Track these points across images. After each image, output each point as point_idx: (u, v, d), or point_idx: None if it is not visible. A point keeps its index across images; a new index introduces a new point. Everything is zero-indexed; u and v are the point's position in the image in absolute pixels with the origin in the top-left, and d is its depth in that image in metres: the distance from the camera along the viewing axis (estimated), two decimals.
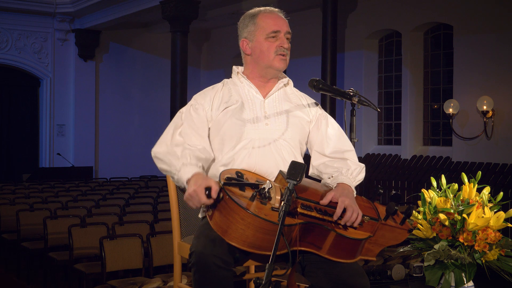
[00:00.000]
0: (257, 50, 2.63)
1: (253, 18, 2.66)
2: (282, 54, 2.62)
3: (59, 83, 14.06)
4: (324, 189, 2.50)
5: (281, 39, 2.63)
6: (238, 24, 2.72)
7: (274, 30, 2.61)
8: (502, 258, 2.73)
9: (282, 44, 2.62)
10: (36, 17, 13.66)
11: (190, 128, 2.58)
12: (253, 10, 2.70)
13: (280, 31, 2.62)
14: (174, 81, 10.82)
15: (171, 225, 2.83)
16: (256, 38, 2.63)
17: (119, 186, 10.08)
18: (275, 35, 2.61)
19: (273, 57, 2.62)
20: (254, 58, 2.66)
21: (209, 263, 2.28)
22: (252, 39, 2.64)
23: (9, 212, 7.21)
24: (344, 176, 2.52)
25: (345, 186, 2.46)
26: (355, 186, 2.55)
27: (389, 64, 11.20)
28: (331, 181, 2.52)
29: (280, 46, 2.62)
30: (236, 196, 2.28)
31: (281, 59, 2.63)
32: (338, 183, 2.49)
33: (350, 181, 2.51)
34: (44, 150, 14.05)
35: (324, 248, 2.36)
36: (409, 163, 10.20)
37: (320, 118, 2.71)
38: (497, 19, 9.15)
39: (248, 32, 2.65)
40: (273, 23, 2.62)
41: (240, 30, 2.71)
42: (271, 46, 2.62)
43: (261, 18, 2.64)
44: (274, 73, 2.67)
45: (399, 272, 4.64)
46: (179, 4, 10.68)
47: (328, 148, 2.65)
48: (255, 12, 2.68)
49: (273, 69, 2.65)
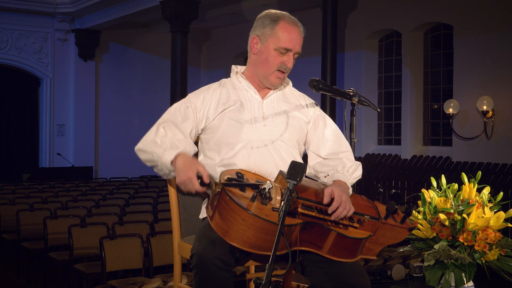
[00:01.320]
0: (263, 55, 2.61)
1: (274, 23, 2.60)
2: (282, 71, 2.60)
3: (59, 83, 14.06)
4: (324, 188, 2.50)
5: (288, 57, 2.60)
6: (257, 18, 2.66)
7: (286, 48, 2.58)
8: (502, 258, 2.73)
9: (287, 63, 2.60)
10: (36, 17, 13.66)
11: (172, 125, 2.58)
12: (276, 12, 2.64)
13: (292, 50, 2.59)
14: (174, 81, 10.82)
15: (171, 225, 2.83)
16: (267, 44, 2.60)
17: (119, 186, 10.08)
18: (286, 52, 2.59)
19: (273, 71, 2.60)
20: (257, 61, 2.64)
21: (209, 265, 2.28)
22: (263, 42, 2.61)
23: (9, 212, 7.20)
24: (340, 174, 2.51)
25: (340, 183, 2.46)
26: (352, 184, 2.56)
27: (389, 64, 11.20)
28: (327, 180, 2.53)
29: (284, 64, 2.59)
30: (237, 197, 2.28)
31: (278, 76, 2.61)
32: (333, 180, 2.49)
33: (346, 178, 2.51)
34: (44, 150, 14.05)
35: (324, 247, 2.36)
36: (409, 163, 10.20)
37: (318, 118, 2.71)
38: (497, 19, 9.15)
39: (263, 33, 2.61)
40: (289, 39, 2.58)
41: (255, 25, 2.65)
42: (276, 60, 2.59)
43: (281, 27, 2.59)
44: (268, 86, 2.65)
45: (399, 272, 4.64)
46: (179, 4, 10.68)
47: (324, 150, 2.65)
48: (278, 16, 2.62)
49: (268, 82, 2.63)
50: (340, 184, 2.44)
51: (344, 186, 2.45)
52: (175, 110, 2.64)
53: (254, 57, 2.66)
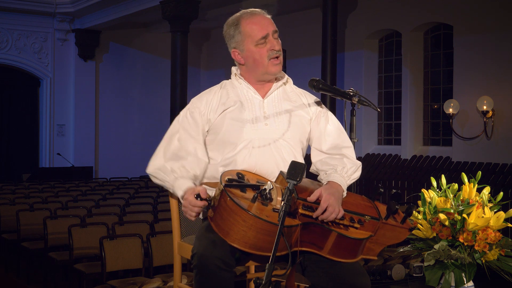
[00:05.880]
0: (250, 59, 2.60)
1: (237, 27, 2.60)
2: (275, 57, 2.59)
3: (59, 83, 14.05)
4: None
5: (271, 42, 2.58)
6: (223, 34, 2.66)
7: (262, 36, 2.56)
8: (502, 258, 2.73)
9: (273, 47, 2.58)
10: (36, 17, 13.65)
11: (186, 133, 2.61)
12: (233, 17, 2.64)
13: (268, 34, 2.57)
14: (174, 81, 10.81)
15: (171, 225, 2.83)
16: (246, 47, 2.59)
17: (119, 186, 10.08)
18: (264, 40, 2.57)
19: (267, 62, 2.59)
20: (249, 67, 2.63)
21: (210, 265, 2.28)
22: (242, 49, 2.60)
23: (9, 212, 7.20)
24: (337, 174, 2.50)
25: (334, 185, 2.45)
26: (350, 184, 2.55)
27: (389, 64, 11.20)
28: (324, 178, 2.52)
29: (272, 50, 2.58)
30: (237, 198, 2.28)
31: (275, 63, 2.60)
32: (328, 180, 2.48)
33: (344, 180, 2.50)
34: (44, 150, 14.05)
35: (325, 248, 2.36)
36: (409, 163, 10.19)
37: (319, 114, 2.70)
38: (497, 19, 9.14)
39: (236, 43, 2.61)
40: (258, 28, 2.57)
41: (227, 41, 2.65)
42: (263, 52, 2.57)
43: (245, 25, 2.58)
44: (271, 77, 2.66)
45: (399, 272, 4.64)
46: (179, 4, 10.68)
47: (325, 144, 2.64)
48: (236, 19, 2.61)
49: (270, 74, 2.63)
50: (331, 187, 2.42)
51: (337, 189, 2.42)
52: (183, 117, 2.65)
53: (243, 67, 2.66)
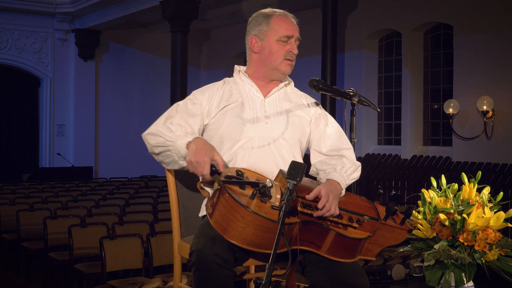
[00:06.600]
0: (266, 50, 2.64)
1: (267, 18, 2.65)
2: (290, 59, 2.64)
3: (59, 83, 14.06)
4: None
5: (292, 45, 2.64)
6: (249, 21, 2.71)
7: (287, 35, 2.62)
8: (502, 258, 2.73)
9: (292, 49, 2.64)
10: (36, 17, 13.65)
11: (182, 120, 2.57)
12: (267, 10, 2.70)
13: (293, 36, 2.64)
14: (174, 81, 10.81)
15: (171, 225, 2.83)
16: (267, 38, 2.63)
17: (119, 186, 10.08)
18: (287, 39, 2.63)
19: (281, 60, 2.63)
20: (262, 57, 2.66)
21: (209, 262, 2.28)
22: (262, 39, 2.64)
23: (9, 212, 7.20)
24: (337, 173, 2.51)
25: (333, 183, 2.46)
26: (349, 185, 2.56)
27: (389, 64, 11.20)
28: (323, 177, 2.53)
29: (290, 51, 2.63)
30: (236, 194, 2.28)
31: (288, 64, 2.64)
32: (328, 178, 2.49)
33: (343, 179, 2.51)
34: (44, 150, 14.05)
35: (324, 247, 2.36)
36: (409, 163, 10.19)
37: (319, 117, 2.71)
38: (497, 19, 9.15)
39: (260, 31, 2.65)
40: (287, 27, 2.63)
41: (250, 27, 2.70)
42: (281, 50, 2.62)
43: (275, 20, 2.65)
44: (279, 76, 2.68)
45: (399, 272, 4.64)
46: (179, 4, 10.68)
47: (325, 146, 2.66)
48: (270, 13, 2.67)
49: (279, 72, 2.65)
50: (330, 184, 2.44)
51: (335, 186, 2.44)
52: (183, 106, 2.63)
53: (256, 55, 2.68)
